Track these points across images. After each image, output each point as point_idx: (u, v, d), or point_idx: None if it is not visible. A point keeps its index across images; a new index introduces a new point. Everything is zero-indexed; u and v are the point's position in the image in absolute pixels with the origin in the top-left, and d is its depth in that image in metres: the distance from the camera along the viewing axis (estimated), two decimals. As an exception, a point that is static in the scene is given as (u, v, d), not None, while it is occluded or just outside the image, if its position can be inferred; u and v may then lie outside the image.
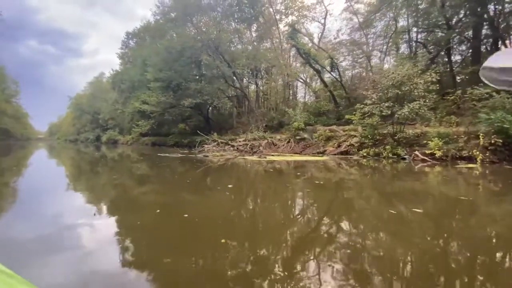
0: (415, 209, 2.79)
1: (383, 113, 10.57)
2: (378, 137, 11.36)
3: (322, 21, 24.17)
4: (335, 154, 11.15)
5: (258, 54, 21.89)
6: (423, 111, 9.36)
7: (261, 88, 28.54)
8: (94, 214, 2.40)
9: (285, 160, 9.23)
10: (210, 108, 28.69)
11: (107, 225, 2.33)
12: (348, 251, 1.87)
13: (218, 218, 2.61)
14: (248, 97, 25.12)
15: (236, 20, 23.18)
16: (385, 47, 20.28)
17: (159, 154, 11.44)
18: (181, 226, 2.26)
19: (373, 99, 10.71)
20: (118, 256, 1.77)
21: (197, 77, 25.73)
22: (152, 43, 28.65)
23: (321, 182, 4.62)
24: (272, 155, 10.24)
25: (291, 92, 25.35)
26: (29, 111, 55.68)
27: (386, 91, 10.58)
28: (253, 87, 30.66)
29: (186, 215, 2.45)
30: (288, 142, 13.66)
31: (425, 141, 9.43)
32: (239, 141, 15.74)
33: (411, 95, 9.90)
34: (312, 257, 1.77)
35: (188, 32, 22.44)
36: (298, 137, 13.45)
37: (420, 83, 9.58)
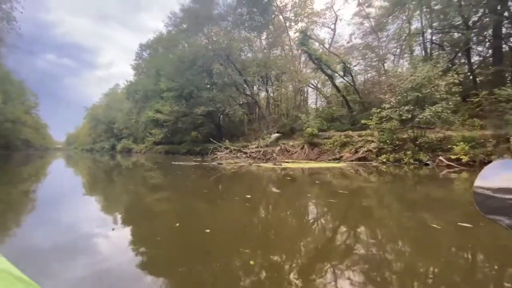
0: (462, 223, 2.50)
1: (403, 117, 10.19)
2: (397, 142, 10.93)
3: (332, 26, 24.10)
4: (352, 161, 10.79)
5: (269, 61, 21.95)
6: (446, 114, 8.92)
7: (271, 94, 28.52)
8: (113, 229, 2.27)
9: (300, 167, 8.97)
10: (221, 116, 28.88)
11: (125, 235, 2.21)
12: (384, 273, 1.63)
13: (241, 233, 2.43)
14: (259, 104, 25.11)
15: (247, 29, 23.42)
16: (398, 50, 19.83)
17: (173, 163, 11.43)
18: (203, 241, 2.10)
19: (391, 103, 10.35)
20: (133, 266, 1.72)
21: (208, 85, 26.07)
22: (165, 53, 29.37)
23: (345, 192, 4.37)
24: (287, 162, 10.01)
25: (302, 98, 25.13)
26: (48, 122, 58.05)
27: (405, 94, 10.20)
28: (263, 94, 30.73)
29: (208, 230, 2.28)
30: (302, 148, 13.39)
31: (449, 146, 8.95)
32: (251, 148, 15.61)
33: (432, 98, 9.48)
34: (341, 274, 1.56)
35: (199, 42, 22.86)
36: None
37: (441, 84, 9.18)
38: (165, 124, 27.42)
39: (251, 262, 1.69)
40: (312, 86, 27.81)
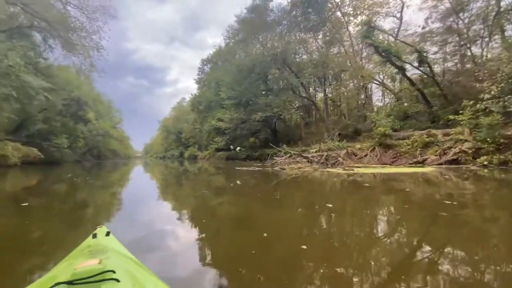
0: None
1: (509, 109, 8.11)
2: (501, 140, 8.74)
3: (398, 14, 21.51)
4: (440, 164, 9.05)
5: (327, 59, 20.81)
6: None
7: (329, 95, 27.02)
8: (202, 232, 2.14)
9: (375, 172, 7.90)
10: (277, 120, 28.77)
11: (194, 233, 2.03)
12: None
13: (338, 250, 1.98)
14: (316, 105, 24.03)
15: (302, 30, 22.86)
16: (485, 32, 16.24)
17: (236, 168, 11.62)
18: (296, 255, 1.74)
19: (492, 92, 8.35)
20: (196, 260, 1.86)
21: (264, 92, 26.32)
22: (224, 65, 31.08)
23: (453, 202, 3.45)
24: (358, 167, 8.99)
25: (366, 95, 23.00)
26: (129, 134, 67.85)
27: (511, 80, 8.12)
28: (320, 95, 29.43)
29: (304, 247, 1.93)
30: (372, 151, 11.99)
31: None
32: (312, 152, 14.81)
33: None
34: None
35: (256, 50, 23.33)
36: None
37: None
38: (226, 132, 28.74)
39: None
40: (377, 82, 25.31)
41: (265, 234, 2.26)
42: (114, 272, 0.78)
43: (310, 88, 26.77)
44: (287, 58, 21.47)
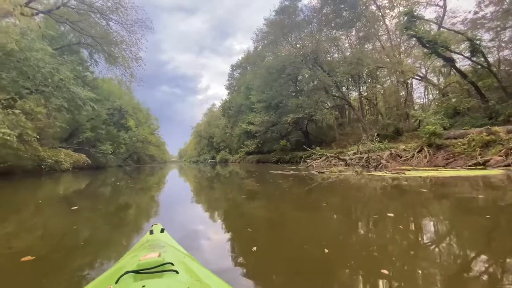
0: None
1: None
2: None
3: (441, 3, 19.58)
4: (507, 166, 7.80)
5: (362, 56, 19.66)
6: None
7: (364, 94, 25.53)
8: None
9: (425, 176, 7.02)
10: (308, 122, 27.99)
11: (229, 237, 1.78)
12: None
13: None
14: (352, 105, 22.81)
15: (334, 28, 21.98)
16: None
17: (270, 171, 11.32)
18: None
19: None
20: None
21: (294, 94, 25.79)
22: (253, 69, 31.25)
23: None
24: (408, 170, 8.12)
25: (407, 92, 21.25)
26: (165, 140, 71.47)
27: None
28: (353, 95, 27.99)
29: (382, 270, 1.57)
30: (419, 151, 10.86)
31: None
32: (350, 154, 13.95)
33: None
34: None
35: (285, 51, 23.00)
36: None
37: None
38: (257, 135, 28.68)
39: None
40: (419, 77, 23.34)
41: (326, 250, 1.92)
42: (172, 264, 0.87)
43: (343, 88, 25.60)
44: (318, 58, 20.76)
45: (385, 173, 7.79)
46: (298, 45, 21.34)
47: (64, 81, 10.89)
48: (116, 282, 0.79)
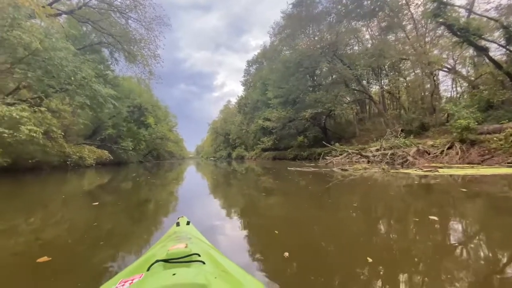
0: None
1: None
2: None
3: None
4: (555, 163, 7.02)
5: (386, 47, 18.69)
6: None
7: (385, 87, 24.36)
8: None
9: (461, 174, 6.46)
10: (327, 118, 27.21)
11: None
12: None
13: None
14: (373, 99, 21.86)
15: (355, 18, 21.04)
16: None
17: (288, 168, 11.04)
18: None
19: None
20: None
21: (311, 88, 25.12)
22: (270, 64, 30.78)
23: None
24: (440, 167, 7.54)
25: (435, 84, 20.01)
26: (183, 136, 72.85)
27: None
28: (374, 89, 26.83)
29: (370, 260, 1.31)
30: (450, 148, 10.12)
31: None
32: (372, 151, 13.32)
33: None
34: None
35: (303, 44, 22.38)
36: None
37: None
38: (273, 131, 28.35)
39: None
40: (446, 69, 21.91)
41: (369, 260, 1.67)
42: (199, 255, 0.91)
43: (364, 81, 24.61)
44: (338, 50, 20.00)
45: (415, 170, 7.28)
46: (316, 38, 20.69)
47: (86, 79, 11.17)
48: (148, 270, 0.84)
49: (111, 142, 22.45)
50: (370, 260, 1.68)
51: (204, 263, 0.87)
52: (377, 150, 13.17)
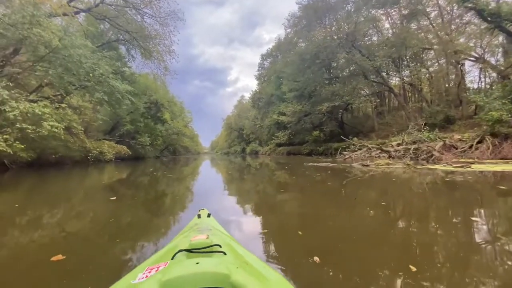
0: None
1: None
2: None
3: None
4: None
5: (408, 36, 17.71)
6: None
7: (406, 79, 23.21)
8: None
9: (497, 170, 5.95)
10: (344, 111, 26.40)
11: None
12: None
13: None
14: (394, 91, 20.91)
15: (374, 6, 20.05)
16: None
17: (305, 164, 10.77)
18: None
19: None
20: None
21: (327, 81, 24.39)
22: (284, 57, 30.18)
23: None
24: (472, 163, 7.01)
25: (462, 74, 18.83)
26: (198, 132, 73.83)
27: None
28: (393, 81, 25.66)
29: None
30: (480, 142, 9.43)
31: None
32: (394, 145, 12.74)
33: None
34: None
35: (319, 35, 21.68)
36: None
37: None
38: (288, 126, 27.94)
39: None
40: (473, 59, 20.51)
41: (413, 269, 1.46)
42: (220, 246, 0.93)
43: (383, 73, 23.59)
44: (356, 40, 19.20)
45: (444, 166, 6.81)
46: (333, 28, 19.93)
47: (104, 76, 11.38)
48: (172, 258, 0.87)
49: (129, 138, 23.02)
50: (413, 269, 1.46)
51: (225, 253, 0.89)
52: (399, 144, 12.58)
